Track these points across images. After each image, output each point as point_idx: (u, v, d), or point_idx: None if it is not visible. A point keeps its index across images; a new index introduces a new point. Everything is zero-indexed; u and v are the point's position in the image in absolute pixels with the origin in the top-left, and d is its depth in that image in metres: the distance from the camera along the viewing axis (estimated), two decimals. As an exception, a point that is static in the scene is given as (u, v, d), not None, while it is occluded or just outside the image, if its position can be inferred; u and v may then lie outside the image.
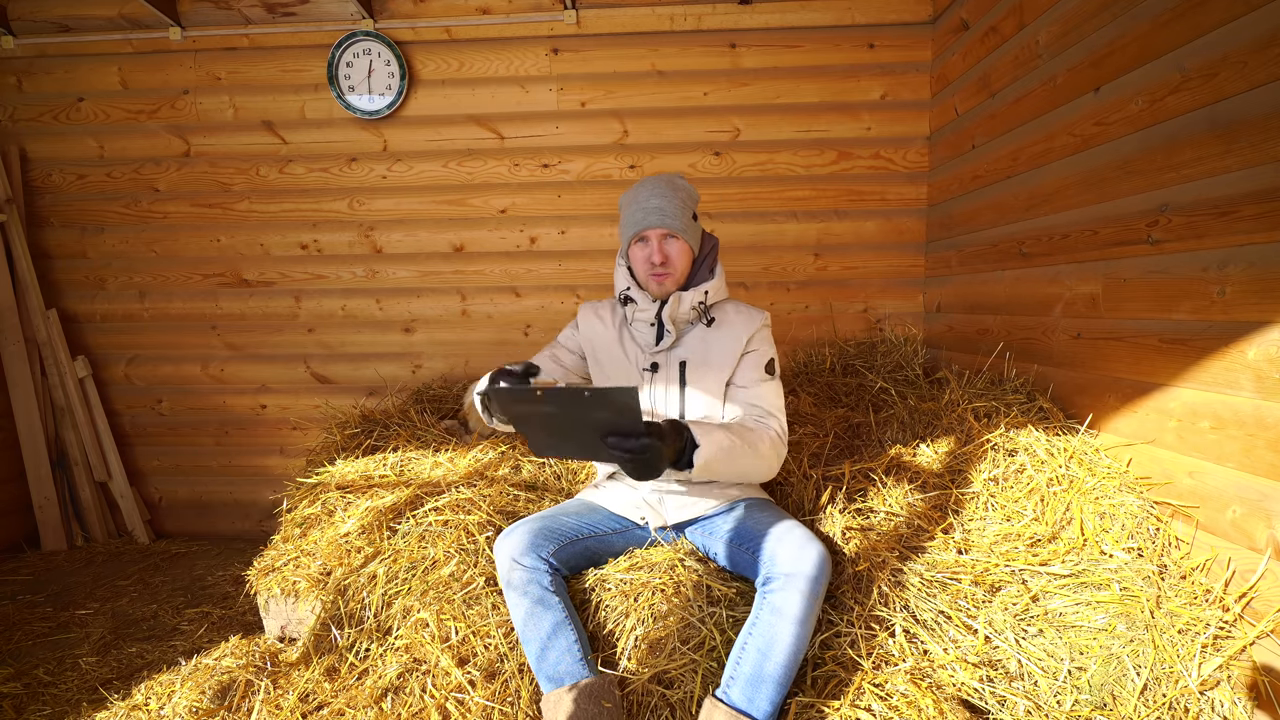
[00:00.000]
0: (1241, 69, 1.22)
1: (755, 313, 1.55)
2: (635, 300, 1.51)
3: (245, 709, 1.45)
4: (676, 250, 1.47)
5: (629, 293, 1.52)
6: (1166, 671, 1.15)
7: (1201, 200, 1.31)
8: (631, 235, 1.48)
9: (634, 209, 1.48)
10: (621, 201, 1.53)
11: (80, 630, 2.08)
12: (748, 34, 2.63)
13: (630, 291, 1.52)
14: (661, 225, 1.44)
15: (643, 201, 1.46)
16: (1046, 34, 1.81)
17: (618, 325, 1.59)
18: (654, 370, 1.51)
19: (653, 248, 1.45)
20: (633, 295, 1.52)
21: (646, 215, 1.45)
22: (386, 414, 2.38)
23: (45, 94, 2.76)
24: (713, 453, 1.22)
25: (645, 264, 1.48)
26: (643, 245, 1.48)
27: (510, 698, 1.29)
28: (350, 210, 2.81)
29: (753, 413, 1.45)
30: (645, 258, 1.47)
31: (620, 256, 1.57)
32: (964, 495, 1.58)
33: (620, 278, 1.56)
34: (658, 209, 1.44)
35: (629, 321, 1.56)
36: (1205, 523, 1.32)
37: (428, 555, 1.56)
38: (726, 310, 1.55)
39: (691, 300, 1.49)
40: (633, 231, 1.47)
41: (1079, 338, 1.71)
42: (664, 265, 1.45)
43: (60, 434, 2.84)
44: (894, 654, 1.22)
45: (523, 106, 2.72)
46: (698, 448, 1.21)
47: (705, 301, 1.51)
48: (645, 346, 1.54)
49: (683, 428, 1.22)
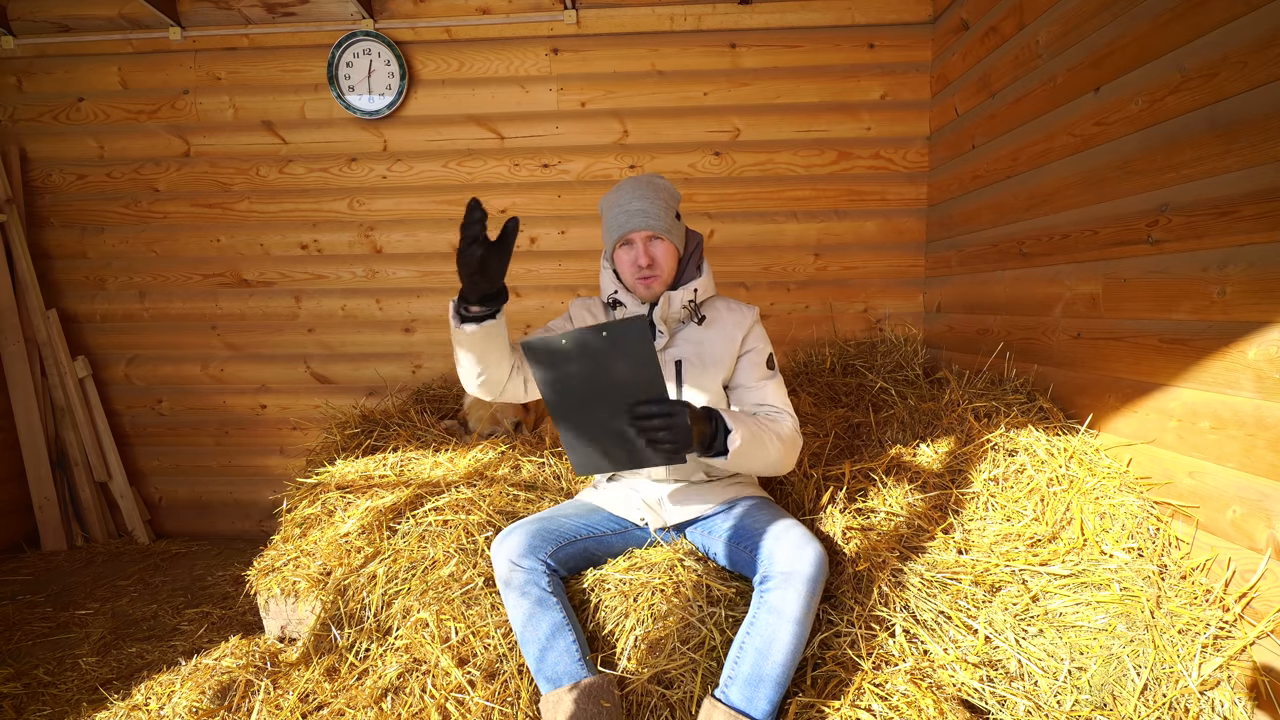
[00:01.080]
0: (1241, 69, 1.22)
1: (745, 309, 1.54)
2: (624, 303, 1.50)
3: (245, 709, 1.45)
4: (662, 252, 1.45)
5: (617, 296, 1.51)
6: (1166, 671, 1.15)
7: (1201, 200, 1.31)
8: (616, 239, 1.46)
9: (616, 212, 1.45)
10: (602, 205, 1.51)
11: (80, 630, 2.08)
12: (748, 34, 2.63)
13: (618, 295, 1.50)
14: (646, 228, 1.42)
15: (624, 204, 1.44)
16: (1046, 34, 1.81)
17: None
18: None
19: (638, 250, 1.43)
20: (621, 299, 1.50)
21: (630, 218, 1.43)
22: (386, 414, 2.38)
23: (45, 94, 2.76)
24: (746, 438, 1.23)
25: (632, 268, 1.45)
26: (628, 249, 1.46)
27: (510, 698, 1.29)
28: (350, 210, 2.81)
29: (762, 411, 1.45)
30: (631, 261, 1.45)
31: (605, 259, 1.55)
32: (964, 495, 1.58)
33: (606, 281, 1.53)
34: (641, 211, 1.42)
35: None
36: (1205, 523, 1.32)
37: (427, 555, 1.56)
38: (717, 307, 1.55)
39: (681, 299, 1.49)
40: (617, 235, 1.45)
41: (1079, 338, 1.71)
42: (651, 268, 1.44)
43: (60, 434, 2.84)
44: (894, 654, 1.22)
45: (523, 106, 2.72)
46: (730, 433, 1.21)
47: (695, 300, 1.50)
48: None
49: (712, 411, 1.22)
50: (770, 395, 1.47)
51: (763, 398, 1.47)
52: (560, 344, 1.07)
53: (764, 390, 1.48)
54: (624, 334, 1.05)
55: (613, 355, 1.07)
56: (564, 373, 1.10)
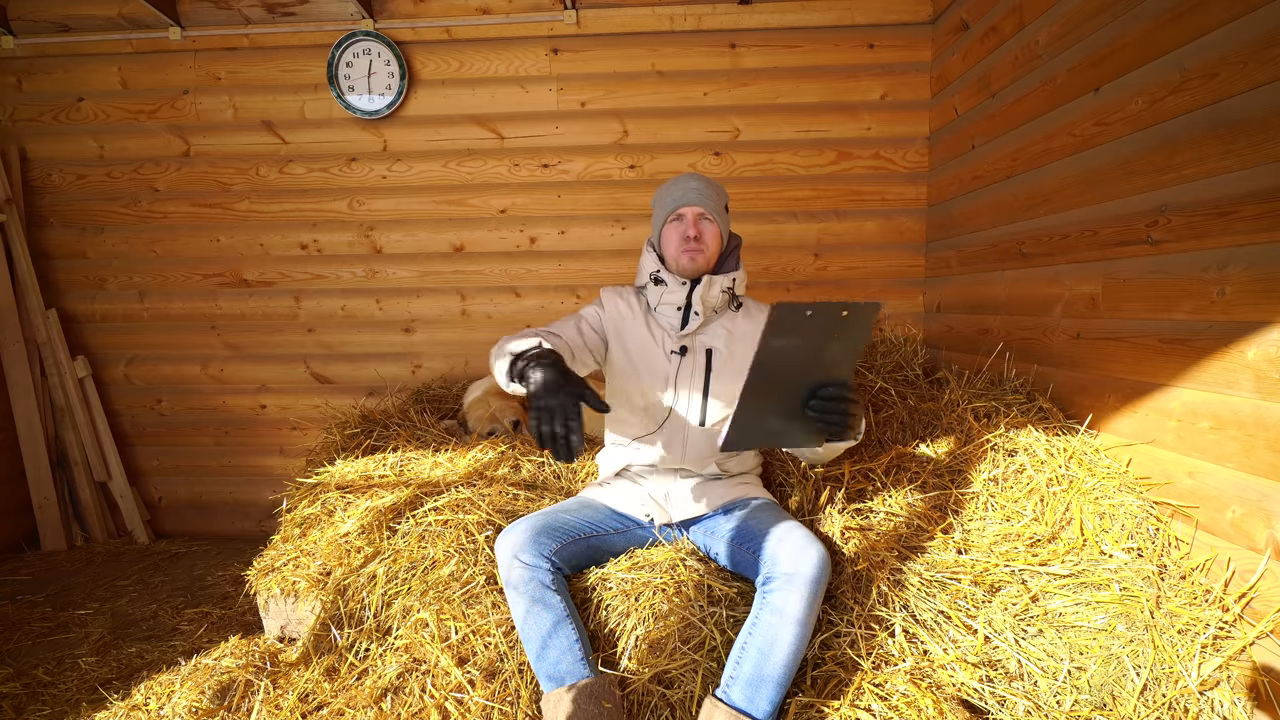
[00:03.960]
0: (1241, 69, 1.22)
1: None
2: (665, 282, 1.55)
3: (245, 709, 1.45)
4: (710, 232, 1.53)
5: (659, 274, 1.56)
6: (1166, 672, 1.15)
7: (1201, 200, 1.32)
8: (669, 212, 1.53)
9: (672, 189, 1.55)
10: (657, 193, 1.60)
11: (80, 630, 2.08)
12: (748, 34, 2.63)
13: (660, 273, 1.56)
14: (700, 204, 1.51)
15: (682, 183, 1.54)
16: (1046, 34, 1.81)
17: (641, 311, 1.61)
18: (683, 354, 1.54)
19: (688, 223, 1.51)
20: (663, 276, 1.55)
21: (686, 194, 1.52)
22: (386, 414, 2.38)
23: (45, 94, 2.76)
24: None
25: (679, 239, 1.52)
26: (678, 223, 1.53)
27: (510, 697, 1.29)
28: (350, 210, 2.81)
29: None
30: (680, 233, 1.52)
31: (649, 243, 1.62)
32: (964, 495, 1.58)
33: (649, 261, 1.59)
34: (696, 189, 1.52)
35: (652, 308, 1.59)
36: (1205, 523, 1.32)
37: (427, 555, 1.56)
38: (749, 303, 1.63)
39: (722, 284, 1.55)
40: (671, 208, 1.53)
41: (1079, 338, 1.71)
42: (698, 240, 1.50)
43: (60, 434, 2.84)
44: (894, 654, 1.22)
45: (523, 106, 2.72)
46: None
47: (733, 289, 1.57)
48: (671, 330, 1.57)
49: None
50: None
51: None
52: (806, 314, 1.06)
53: None
54: (860, 315, 1.06)
55: (837, 334, 1.09)
56: (788, 343, 1.09)
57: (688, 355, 1.54)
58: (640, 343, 1.57)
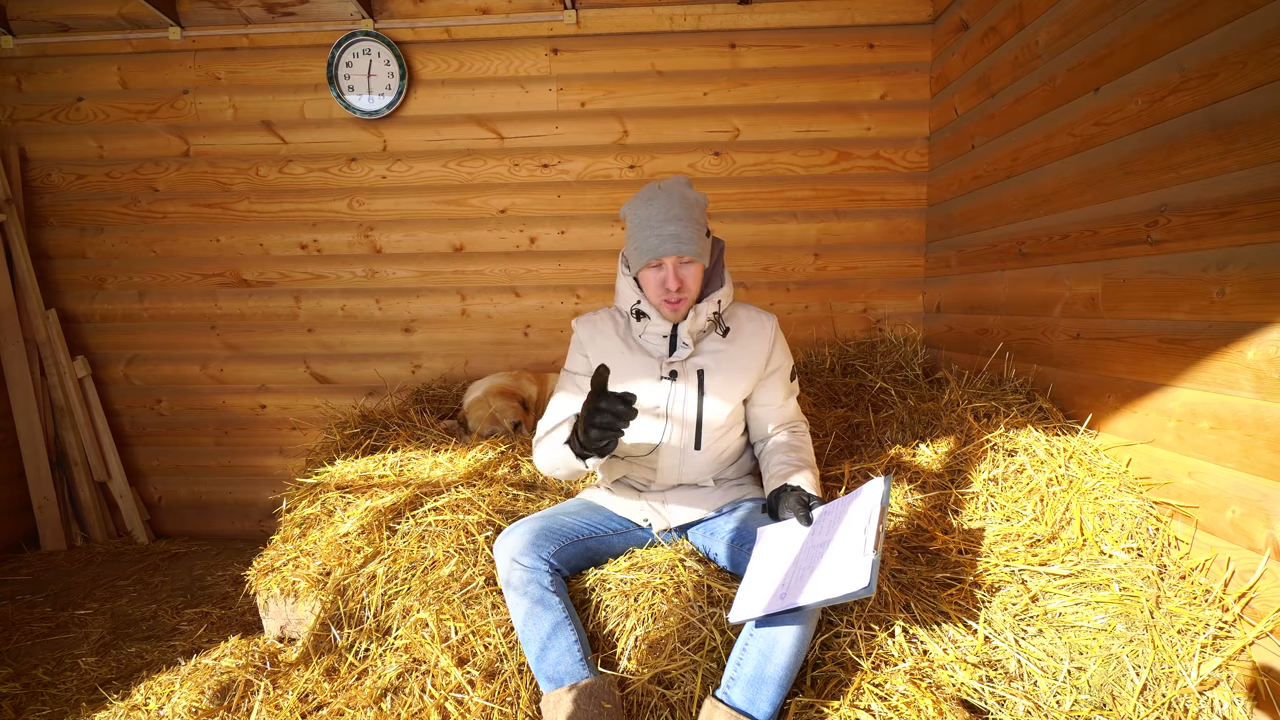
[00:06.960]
0: (1241, 69, 1.22)
1: (765, 318, 1.55)
2: (648, 315, 1.46)
3: (245, 709, 1.45)
4: (692, 275, 1.41)
5: (640, 308, 1.46)
6: (1166, 671, 1.15)
7: (1201, 200, 1.31)
8: (646, 259, 1.40)
9: (648, 234, 1.39)
10: (630, 216, 1.44)
11: (80, 630, 2.08)
12: (748, 34, 2.63)
13: (642, 306, 1.46)
14: (678, 253, 1.37)
15: (656, 227, 1.38)
16: (1046, 34, 1.81)
17: (621, 335, 1.53)
18: (673, 378, 1.47)
19: (668, 274, 1.39)
20: (645, 310, 1.46)
21: (663, 243, 1.37)
22: (386, 414, 2.38)
23: (45, 94, 2.76)
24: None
25: (659, 289, 1.41)
26: (657, 270, 1.41)
27: (510, 698, 1.29)
28: (350, 210, 2.81)
29: (788, 425, 1.57)
30: (660, 283, 1.41)
31: (625, 269, 1.51)
32: (964, 495, 1.58)
33: (627, 289, 1.49)
34: (674, 235, 1.37)
35: (639, 335, 1.51)
36: (1205, 523, 1.32)
37: (427, 555, 1.56)
38: (738, 316, 1.54)
39: (706, 312, 1.47)
40: (647, 259, 1.39)
41: (1078, 338, 1.71)
42: (680, 291, 1.40)
43: (60, 434, 2.84)
44: (893, 654, 1.22)
45: (522, 106, 2.72)
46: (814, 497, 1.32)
47: (719, 311, 1.49)
48: (660, 357, 1.49)
49: (806, 498, 1.30)
50: (792, 410, 1.58)
51: (786, 415, 1.57)
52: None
53: (788, 407, 1.57)
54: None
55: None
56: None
57: (679, 378, 1.46)
58: (626, 370, 1.48)
